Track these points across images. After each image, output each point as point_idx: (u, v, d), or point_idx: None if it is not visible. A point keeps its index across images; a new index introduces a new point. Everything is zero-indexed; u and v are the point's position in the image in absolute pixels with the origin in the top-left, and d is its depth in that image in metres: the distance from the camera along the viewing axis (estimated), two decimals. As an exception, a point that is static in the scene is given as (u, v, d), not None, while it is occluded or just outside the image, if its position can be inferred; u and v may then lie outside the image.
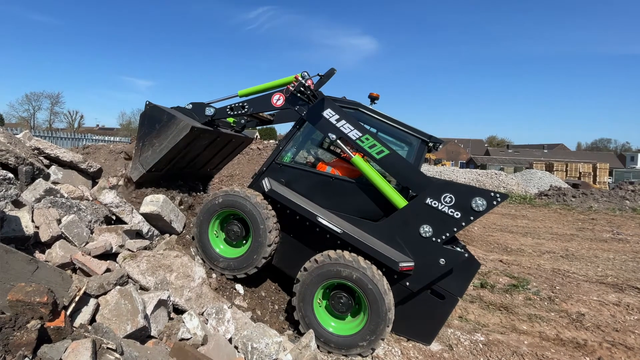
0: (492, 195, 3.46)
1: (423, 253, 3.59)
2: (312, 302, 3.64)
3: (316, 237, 3.89)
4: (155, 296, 2.58)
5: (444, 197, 3.55)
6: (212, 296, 3.52)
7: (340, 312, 3.68)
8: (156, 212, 4.02)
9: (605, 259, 7.65)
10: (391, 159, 3.80)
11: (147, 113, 4.40)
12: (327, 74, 4.09)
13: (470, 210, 3.46)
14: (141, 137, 4.42)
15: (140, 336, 2.24)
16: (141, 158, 4.39)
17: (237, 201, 3.94)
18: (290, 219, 3.99)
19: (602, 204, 14.12)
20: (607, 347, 4.25)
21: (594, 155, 55.49)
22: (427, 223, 3.58)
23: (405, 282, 3.68)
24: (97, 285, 2.30)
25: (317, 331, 3.58)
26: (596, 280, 6.35)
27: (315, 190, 4.13)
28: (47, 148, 4.83)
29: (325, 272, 3.55)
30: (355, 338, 3.52)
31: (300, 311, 3.66)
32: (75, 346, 1.62)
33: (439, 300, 3.72)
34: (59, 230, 3.26)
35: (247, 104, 4.40)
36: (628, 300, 5.57)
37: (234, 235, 4.11)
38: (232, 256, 4.04)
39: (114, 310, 2.16)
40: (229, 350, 2.65)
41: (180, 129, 4.15)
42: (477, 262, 3.75)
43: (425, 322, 3.81)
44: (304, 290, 3.64)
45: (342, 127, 3.94)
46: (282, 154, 4.30)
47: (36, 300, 1.63)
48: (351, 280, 3.47)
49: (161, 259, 3.38)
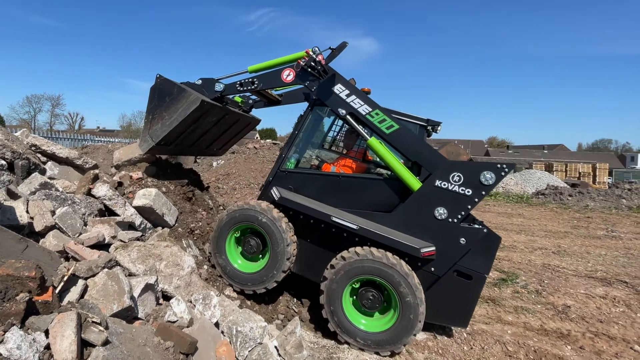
0: (499, 167, 3.46)
1: (442, 236, 3.57)
2: (341, 299, 3.63)
3: (333, 238, 3.90)
4: (143, 280, 2.69)
5: (452, 176, 3.55)
6: (201, 285, 3.63)
7: (369, 308, 3.67)
8: (148, 205, 4.14)
9: (596, 255, 7.73)
10: (401, 134, 3.78)
11: (158, 86, 4.37)
12: (338, 47, 4.05)
13: (481, 185, 3.47)
14: (151, 110, 4.40)
15: (126, 316, 2.35)
16: (150, 131, 4.38)
17: (254, 216, 3.93)
18: (304, 224, 3.99)
19: (599, 203, 14.18)
20: (589, 337, 4.34)
21: (594, 156, 55.41)
22: (441, 205, 3.57)
23: (430, 268, 3.67)
24: (86, 268, 2.42)
25: (348, 329, 3.60)
26: (585, 275, 6.43)
27: (324, 191, 4.13)
28: (43, 145, 4.96)
29: (354, 269, 3.55)
30: (386, 335, 3.52)
31: (329, 309, 3.66)
32: (61, 317, 1.73)
33: (467, 280, 3.68)
34: (52, 221, 3.39)
35: (256, 79, 4.36)
36: (615, 293, 5.65)
37: (250, 249, 4.11)
38: (251, 271, 4.05)
39: (101, 290, 2.27)
40: (214, 332, 2.76)
41: (190, 102, 4.13)
42: (497, 236, 3.72)
43: (457, 305, 3.76)
44: (331, 288, 3.63)
45: (352, 102, 3.91)
46: (285, 161, 4.30)
47: (25, 275, 1.75)
48: (380, 276, 3.47)
49: (151, 248, 3.50)
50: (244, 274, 4.03)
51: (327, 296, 3.66)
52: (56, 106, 54.28)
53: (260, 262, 4.14)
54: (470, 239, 3.51)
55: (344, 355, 3.69)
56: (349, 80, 4.15)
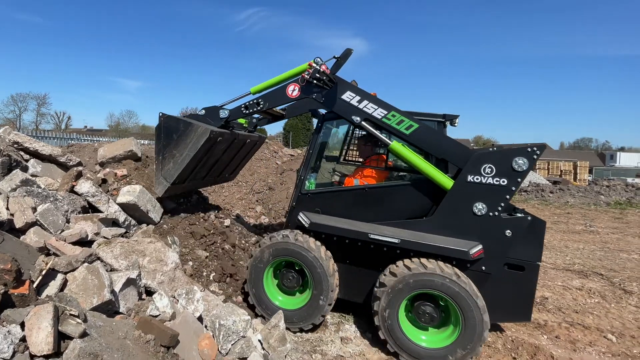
0: (530, 150, 3.34)
1: (486, 231, 3.44)
2: (397, 318, 3.46)
3: (373, 255, 3.76)
4: (124, 275, 2.70)
5: (483, 169, 3.43)
6: (185, 280, 3.65)
7: (426, 323, 3.50)
8: (132, 202, 4.12)
9: (574, 249, 7.98)
10: (422, 132, 3.66)
11: (162, 124, 4.24)
12: (343, 55, 3.88)
13: (515, 172, 3.36)
14: (160, 150, 4.27)
15: (107, 310, 2.36)
16: (163, 172, 4.25)
17: (293, 250, 3.78)
18: (339, 246, 3.86)
19: (578, 199, 14.63)
20: (565, 327, 4.50)
21: (576, 154, 56.78)
22: (478, 200, 3.45)
23: (481, 267, 3.52)
24: (66, 262, 2.42)
25: (407, 346, 3.42)
26: (563, 268, 6.65)
27: (352, 207, 3.98)
28: (26, 142, 4.88)
29: (406, 285, 3.39)
30: (448, 350, 3.32)
31: (386, 329, 3.48)
32: (38, 310, 1.74)
33: (520, 272, 3.54)
34: (34, 218, 3.35)
35: (261, 99, 4.21)
36: (591, 285, 5.86)
37: (289, 283, 3.97)
38: (293, 307, 3.89)
39: (81, 285, 2.28)
40: (196, 326, 2.79)
41: (199, 135, 4.01)
42: (542, 221, 3.59)
43: (515, 300, 3.59)
44: (386, 306, 3.45)
45: (365, 108, 3.77)
46: (304, 183, 4.19)
47: (0, 267, 1.75)
48: (439, 289, 3.31)
49: (135, 244, 3.50)
50: (287, 311, 3.83)
51: (382, 317, 3.47)
52: (42, 105, 53.15)
53: (302, 296, 3.98)
54: (516, 229, 3.40)
55: (327, 348, 3.77)
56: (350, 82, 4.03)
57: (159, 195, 4.34)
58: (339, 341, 3.88)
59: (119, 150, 5.17)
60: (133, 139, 5.54)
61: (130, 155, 5.15)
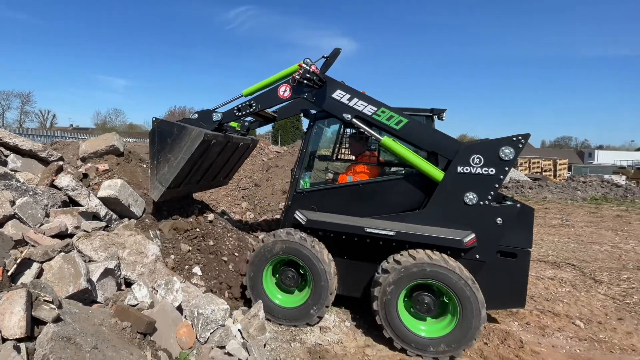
0: (515, 139, 3.50)
1: (478, 220, 3.57)
2: (397, 306, 3.55)
3: (370, 249, 3.85)
4: (102, 265, 2.74)
5: (472, 159, 3.57)
6: (166, 273, 3.69)
7: (423, 312, 3.61)
8: (114, 196, 4.13)
9: (549, 242, 8.29)
10: (412, 127, 3.78)
11: (156, 129, 4.24)
12: (332, 55, 4.01)
13: (502, 161, 3.51)
14: (154, 155, 4.27)
15: (84, 299, 2.41)
16: (158, 176, 4.24)
17: (295, 249, 3.85)
18: (336, 242, 3.96)
19: (556, 195, 15.12)
20: (536, 314, 4.71)
21: (556, 152, 58.28)
22: (469, 190, 3.58)
23: (475, 256, 3.65)
24: (42, 252, 2.45)
25: (407, 336, 3.52)
26: (537, 259, 6.90)
27: (347, 203, 4.08)
28: (5, 137, 4.82)
29: (410, 274, 3.47)
30: (445, 339, 3.43)
31: (384, 315, 3.56)
32: (10, 295, 1.78)
33: (512, 259, 3.65)
34: (12, 211, 3.35)
35: (254, 101, 4.30)
36: (563, 275, 6.12)
37: (288, 281, 4.05)
38: (291, 306, 3.98)
39: (57, 274, 2.32)
40: (174, 315, 2.85)
41: (193, 138, 4.02)
42: (530, 208, 3.71)
43: (509, 286, 3.70)
44: (386, 294, 3.54)
45: (355, 105, 3.88)
46: (299, 182, 4.27)
47: (-25, 255, 1.78)
48: (439, 279, 3.41)
49: (115, 237, 3.53)
50: (285, 309, 3.96)
51: (382, 302, 3.55)
52: (26, 103, 51.76)
53: (300, 295, 4.07)
54: (506, 217, 3.52)
55: (306, 337, 3.87)
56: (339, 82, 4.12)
57: (155, 199, 4.35)
58: (318, 330, 3.99)
59: (100, 145, 5.15)
60: (115, 134, 5.51)
61: (112, 151, 5.14)
